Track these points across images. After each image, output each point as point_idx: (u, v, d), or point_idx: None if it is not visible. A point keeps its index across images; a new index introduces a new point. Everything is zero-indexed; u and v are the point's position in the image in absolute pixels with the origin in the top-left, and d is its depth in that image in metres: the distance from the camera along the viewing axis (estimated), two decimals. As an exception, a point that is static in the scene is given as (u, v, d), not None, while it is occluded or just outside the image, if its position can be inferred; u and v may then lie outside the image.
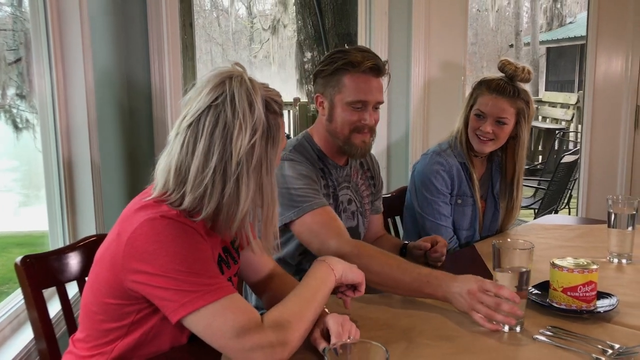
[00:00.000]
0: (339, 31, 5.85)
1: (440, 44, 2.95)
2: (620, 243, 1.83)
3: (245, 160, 1.16)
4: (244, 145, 1.14)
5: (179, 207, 1.17)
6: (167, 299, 1.11)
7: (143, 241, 1.11)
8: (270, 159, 1.20)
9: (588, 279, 1.40)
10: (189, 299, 1.09)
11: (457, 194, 2.16)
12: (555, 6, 16.19)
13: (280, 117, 1.23)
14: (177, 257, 1.10)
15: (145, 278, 1.11)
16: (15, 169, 4.92)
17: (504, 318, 1.32)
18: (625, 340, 1.26)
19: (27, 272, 1.41)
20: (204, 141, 1.15)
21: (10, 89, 4.26)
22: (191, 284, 1.10)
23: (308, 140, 1.85)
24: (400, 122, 3.00)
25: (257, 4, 16.76)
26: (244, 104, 1.15)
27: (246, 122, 1.15)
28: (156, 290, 1.11)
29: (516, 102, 2.05)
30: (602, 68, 3.23)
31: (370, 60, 1.72)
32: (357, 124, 1.75)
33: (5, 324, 1.69)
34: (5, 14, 3.60)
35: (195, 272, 1.10)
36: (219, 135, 1.15)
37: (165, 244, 1.10)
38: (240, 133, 1.15)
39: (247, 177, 1.17)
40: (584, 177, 3.35)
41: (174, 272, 1.09)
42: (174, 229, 1.12)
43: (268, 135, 1.19)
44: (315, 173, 1.77)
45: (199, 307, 1.09)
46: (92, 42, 2.09)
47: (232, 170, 1.15)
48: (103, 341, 1.23)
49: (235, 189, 1.17)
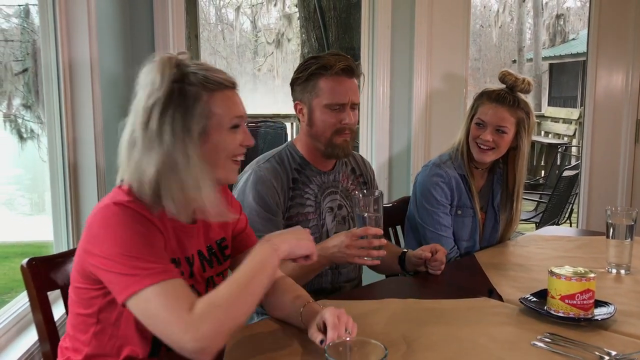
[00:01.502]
0: (342, 45, 5.90)
1: (442, 56, 2.98)
2: (619, 254, 1.84)
3: (158, 128, 1.19)
4: (154, 115, 1.19)
5: (134, 188, 1.22)
6: (113, 282, 1.15)
7: (96, 226, 1.18)
8: (186, 126, 1.21)
9: (586, 287, 1.41)
10: (129, 282, 1.12)
11: (457, 205, 2.18)
12: (558, 23, 16.29)
13: (203, 89, 1.23)
14: (120, 241, 1.14)
15: (96, 260, 1.16)
16: (19, 178, 4.95)
17: (378, 252, 1.60)
18: (622, 348, 1.27)
19: (32, 274, 1.42)
20: (128, 119, 1.24)
21: (16, 99, 4.31)
22: (131, 267, 1.12)
23: (290, 149, 1.92)
24: (402, 134, 3.02)
25: (261, 17, 16.87)
26: (151, 76, 1.21)
27: (150, 90, 1.20)
28: (104, 273, 1.16)
29: (516, 112, 2.08)
30: (603, 82, 3.26)
31: (342, 62, 1.80)
32: (337, 126, 1.82)
33: (10, 325, 1.71)
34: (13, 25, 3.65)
35: (136, 256, 1.13)
36: (134, 109, 1.23)
37: (112, 228, 1.16)
38: (148, 102, 1.20)
39: (162, 145, 1.20)
40: (585, 191, 3.36)
41: (118, 255, 1.13)
42: (122, 214, 1.17)
43: (178, 104, 1.20)
44: (282, 187, 1.83)
45: (136, 291, 1.11)
46: (100, 52, 2.12)
47: (148, 139, 1.20)
48: (80, 329, 1.28)
49: (156, 156, 1.20)
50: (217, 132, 1.25)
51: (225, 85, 1.27)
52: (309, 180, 1.90)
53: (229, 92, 1.28)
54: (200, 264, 1.35)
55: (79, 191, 2.09)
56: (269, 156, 1.89)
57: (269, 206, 1.79)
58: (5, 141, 4.38)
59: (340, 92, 1.80)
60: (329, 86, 1.80)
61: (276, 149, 1.94)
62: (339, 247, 1.63)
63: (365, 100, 2.99)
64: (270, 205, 1.80)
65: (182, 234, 1.30)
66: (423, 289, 1.78)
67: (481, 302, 1.59)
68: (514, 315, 1.48)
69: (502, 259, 2.07)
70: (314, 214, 1.89)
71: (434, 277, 1.83)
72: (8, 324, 1.70)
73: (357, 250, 1.61)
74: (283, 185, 1.84)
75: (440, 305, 1.55)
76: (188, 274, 1.31)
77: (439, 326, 1.41)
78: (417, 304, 1.56)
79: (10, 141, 4.33)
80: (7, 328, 1.69)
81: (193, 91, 1.22)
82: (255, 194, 1.78)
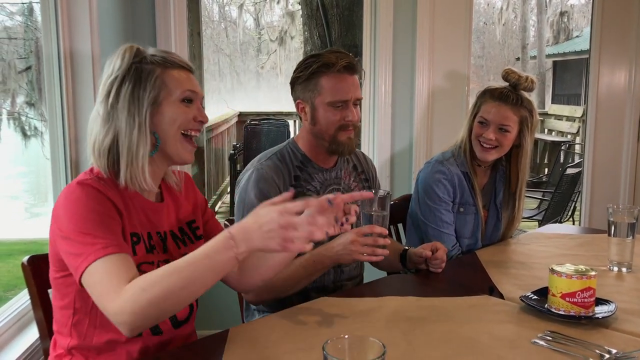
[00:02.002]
0: (345, 42, 5.89)
1: (444, 53, 2.98)
2: (620, 252, 1.84)
3: (114, 100, 1.28)
4: (112, 90, 1.28)
5: (99, 165, 1.29)
6: (70, 264, 1.20)
7: (57, 206, 1.24)
8: (137, 95, 1.28)
9: (587, 285, 1.41)
10: (78, 261, 1.17)
11: (460, 202, 2.17)
12: (562, 20, 16.23)
13: (157, 66, 1.31)
14: (74, 217, 1.20)
15: (60, 242, 1.22)
16: (23, 175, 4.96)
17: (382, 251, 1.60)
18: (623, 346, 1.27)
19: (33, 272, 1.43)
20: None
21: (19, 96, 4.31)
22: (81, 244, 1.17)
23: (292, 147, 1.92)
24: (404, 131, 3.02)
25: (264, 15, 16.85)
26: (113, 60, 1.31)
27: (111, 70, 1.29)
28: (65, 255, 1.21)
29: (519, 110, 2.08)
30: (606, 80, 3.25)
31: (343, 59, 1.80)
32: (341, 123, 1.82)
33: (12, 322, 1.72)
34: (17, 22, 3.65)
35: (87, 232, 1.18)
36: (99, 87, 1.32)
37: (69, 206, 1.22)
38: (108, 80, 1.29)
39: (116, 115, 1.27)
40: (587, 189, 3.35)
41: (72, 232, 1.18)
42: (79, 192, 1.23)
43: (133, 78, 1.28)
44: (285, 184, 1.83)
45: (84, 268, 1.16)
46: (102, 48, 2.12)
47: (105, 113, 1.29)
48: (61, 322, 1.31)
49: (111, 127, 1.28)
50: (167, 103, 1.30)
51: (180, 65, 1.34)
52: (310, 177, 1.89)
53: (183, 72, 1.35)
54: (174, 242, 1.40)
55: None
56: (270, 154, 1.89)
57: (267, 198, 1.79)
58: (10, 139, 4.39)
59: (342, 90, 1.80)
60: (332, 84, 1.80)
61: (277, 147, 1.94)
62: (344, 245, 1.64)
63: (368, 97, 2.99)
64: (269, 196, 1.79)
65: (150, 211, 1.36)
66: (424, 286, 1.77)
67: (482, 300, 1.58)
68: (514, 313, 1.48)
69: (503, 257, 2.06)
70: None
71: (434, 274, 1.83)
72: (10, 321, 1.71)
73: (362, 247, 1.62)
74: (285, 182, 1.84)
75: (441, 303, 1.55)
76: (161, 249, 1.36)
77: (439, 324, 1.41)
78: (417, 301, 1.56)
79: (14, 139, 4.34)
80: (8, 325, 1.70)
81: (148, 68, 1.30)
82: (257, 191, 1.78)
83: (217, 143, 7.16)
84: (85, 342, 1.29)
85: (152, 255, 1.32)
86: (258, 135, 7.01)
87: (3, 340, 1.67)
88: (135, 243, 1.29)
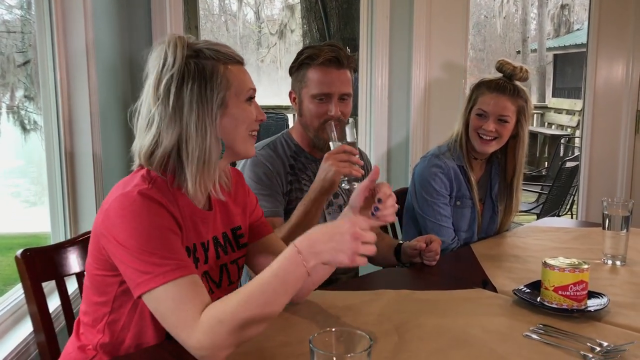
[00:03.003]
0: (344, 35, 5.88)
1: (441, 46, 2.97)
2: (615, 245, 1.84)
3: (176, 102, 1.19)
4: (172, 91, 1.19)
5: (152, 169, 1.22)
6: (127, 275, 1.14)
7: (113, 214, 1.15)
8: (205, 96, 1.21)
9: (579, 278, 1.41)
10: (142, 279, 1.11)
11: (456, 195, 2.18)
12: (563, 13, 16.18)
13: (218, 62, 1.24)
14: (137, 233, 1.13)
15: (114, 248, 1.15)
16: (22, 169, 4.96)
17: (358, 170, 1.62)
18: (614, 339, 1.27)
19: (27, 265, 1.43)
20: (141, 103, 1.25)
21: (18, 90, 4.30)
22: (146, 263, 1.11)
23: (286, 138, 1.93)
24: (400, 124, 3.01)
25: (264, 8, 16.81)
26: (162, 56, 1.21)
27: (164, 66, 1.20)
28: (120, 263, 1.15)
29: (517, 100, 2.08)
30: (603, 73, 3.24)
31: (328, 52, 1.78)
32: (324, 117, 1.81)
33: (7, 316, 1.72)
34: (15, 16, 3.64)
35: (152, 251, 1.12)
36: (146, 91, 1.23)
37: (130, 218, 1.14)
38: (163, 80, 1.20)
39: (181, 118, 1.19)
40: (584, 182, 3.36)
41: (134, 248, 1.12)
42: (141, 204, 1.15)
43: (196, 76, 1.21)
44: (278, 173, 1.83)
45: (149, 289, 1.11)
46: (96, 39, 2.12)
47: (166, 116, 1.20)
48: (94, 317, 1.27)
49: (175, 130, 1.20)
50: (235, 103, 1.25)
51: (237, 60, 1.28)
52: (304, 167, 1.90)
53: (241, 67, 1.29)
54: (214, 250, 1.35)
55: (76, 180, 2.09)
56: (263, 144, 1.90)
57: (267, 184, 1.80)
58: (9, 133, 4.38)
59: (325, 83, 1.79)
60: (316, 76, 1.80)
61: (270, 138, 1.95)
62: (324, 170, 1.63)
63: (364, 91, 2.99)
64: (269, 184, 1.80)
65: (198, 219, 1.30)
66: (418, 280, 1.78)
67: (475, 293, 1.59)
68: (507, 307, 1.48)
69: (498, 250, 2.07)
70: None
71: (429, 268, 1.83)
72: (4, 315, 1.71)
73: (339, 163, 1.61)
74: (280, 170, 1.84)
75: (434, 297, 1.55)
76: (203, 260, 1.31)
77: (431, 317, 1.41)
78: (410, 295, 1.56)
79: (14, 133, 4.33)
80: (3, 319, 1.70)
81: (209, 64, 1.22)
82: (252, 174, 1.79)
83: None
84: (117, 342, 1.26)
85: (196, 269, 1.25)
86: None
87: (-3, 333, 1.68)
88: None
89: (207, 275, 1.32)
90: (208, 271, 1.32)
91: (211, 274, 1.33)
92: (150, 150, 1.21)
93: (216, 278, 1.35)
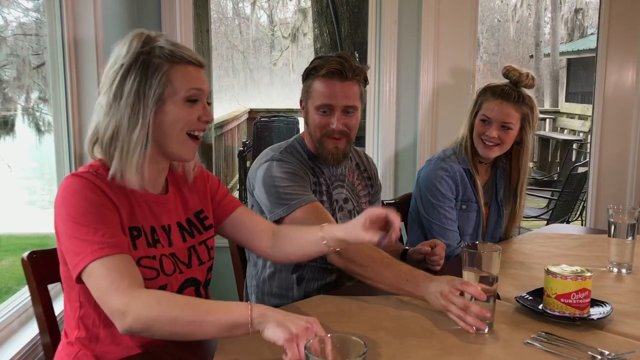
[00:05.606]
0: (354, 39, 5.89)
1: (449, 51, 2.97)
2: (620, 253, 1.83)
3: (117, 92, 1.25)
4: (116, 80, 1.25)
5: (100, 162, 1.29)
6: (69, 261, 1.20)
7: (56, 202, 1.24)
8: (142, 91, 1.25)
9: (582, 286, 1.40)
10: (77, 261, 1.17)
11: (462, 199, 2.17)
12: (577, 17, 16.07)
13: (165, 61, 1.27)
14: (71, 208, 1.20)
15: (58, 234, 1.22)
16: (37, 170, 5.00)
17: (473, 320, 1.34)
18: (616, 348, 1.26)
19: (33, 267, 1.44)
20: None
21: (34, 92, 4.34)
22: (79, 240, 1.17)
23: (300, 142, 1.92)
24: (408, 129, 3.02)
25: (278, 12, 16.86)
26: (120, 47, 1.28)
27: (116, 58, 1.27)
28: (64, 251, 1.22)
29: (521, 108, 2.08)
30: (613, 78, 3.22)
31: (332, 64, 1.76)
32: (326, 129, 1.80)
33: (13, 317, 1.74)
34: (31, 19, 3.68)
35: (84, 223, 1.18)
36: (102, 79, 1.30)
37: (66, 198, 1.22)
38: (113, 68, 1.26)
39: (118, 108, 1.25)
40: (593, 188, 3.33)
41: (69, 225, 1.19)
42: (76, 184, 1.23)
43: (140, 71, 1.25)
44: (304, 171, 1.82)
45: (84, 267, 1.17)
46: (106, 42, 2.14)
47: (107, 103, 1.26)
48: (70, 313, 1.32)
49: (113, 118, 1.26)
50: (172, 101, 1.28)
51: (189, 61, 1.30)
52: (320, 171, 1.90)
53: (192, 67, 1.31)
54: (180, 234, 1.39)
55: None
56: (282, 148, 1.89)
57: (299, 177, 1.78)
58: (24, 134, 4.42)
59: (327, 95, 1.77)
60: (320, 88, 1.79)
61: (286, 141, 1.94)
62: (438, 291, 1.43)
63: (372, 95, 2.99)
64: (299, 177, 1.79)
65: (153, 204, 1.35)
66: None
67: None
68: (509, 314, 1.48)
69: (503, 257, 2.01)
70: (327, 202, 1.90)
71: (433, 273, 1.82)
72: (11, 316, 1.73)
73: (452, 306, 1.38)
74: (305, 169, 1.84)
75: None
76: (167, 243, 1.35)
77: (432, 323, 1.41)
78: (412, 300, 1.56)
79: (29, 134, 4.37)
80: (10, 320, 1.72)
81: (156, 62, 1.26)
82: (279, 170, 1.77)
83: (227, 140, 7.19)
84: (92, 336, 1.30)
85: (155, 249, 1.31)
86: (267, 132, 7.03)
87: (4, 335, 1.69)
88: (136, 237, 1.28)
89: (174, 256, 1.35)
90: (175, 253, 1.36)
91: (179, 255, 1.37)
92: (92, 137, 1.30)
93: (185, 259, 1.38)
